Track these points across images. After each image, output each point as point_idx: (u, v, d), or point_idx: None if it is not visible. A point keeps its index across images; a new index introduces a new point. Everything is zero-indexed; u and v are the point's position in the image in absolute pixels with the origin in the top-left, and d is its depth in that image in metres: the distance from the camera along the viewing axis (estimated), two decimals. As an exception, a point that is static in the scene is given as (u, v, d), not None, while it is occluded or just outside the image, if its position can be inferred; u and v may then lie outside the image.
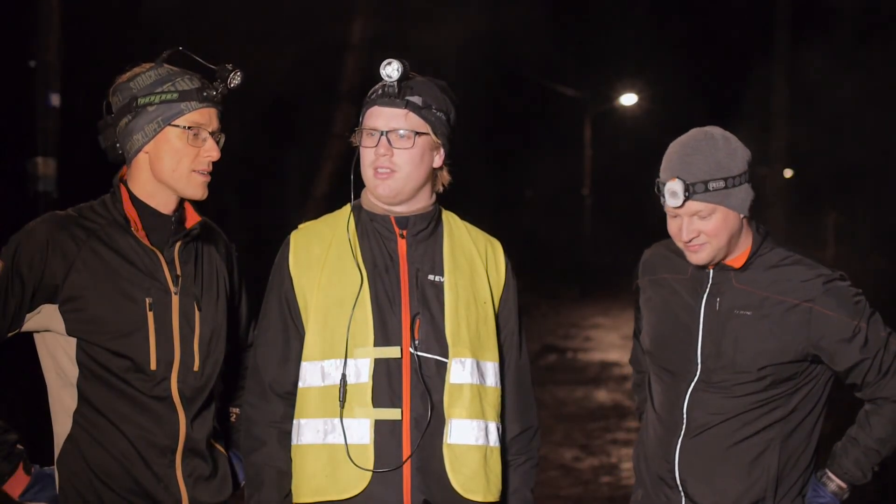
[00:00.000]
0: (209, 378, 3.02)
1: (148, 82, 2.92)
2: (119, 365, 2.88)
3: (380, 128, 2.95)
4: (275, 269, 3.06)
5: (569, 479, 8.31)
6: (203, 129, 2.95)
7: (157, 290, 2.94)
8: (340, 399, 2.89)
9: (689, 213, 3.07)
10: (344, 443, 2.89)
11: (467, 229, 3.15)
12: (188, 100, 2.93)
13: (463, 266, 3.05)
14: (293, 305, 2.99)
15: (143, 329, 2.90)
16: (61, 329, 2.87)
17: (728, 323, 3.13)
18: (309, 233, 3.06)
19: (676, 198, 3.03)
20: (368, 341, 2.92)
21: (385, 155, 2.95)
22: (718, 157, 3.05)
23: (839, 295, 3.10)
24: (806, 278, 3.11)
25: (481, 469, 2.97)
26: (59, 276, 2.84)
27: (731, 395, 3.11)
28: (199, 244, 3.07)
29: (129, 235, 2.92)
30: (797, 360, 3.11)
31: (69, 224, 2.89)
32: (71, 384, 2.89)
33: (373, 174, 2.97)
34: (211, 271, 3.09)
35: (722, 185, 3.03)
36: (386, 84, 2.95)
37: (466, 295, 3.02)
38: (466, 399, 2.96)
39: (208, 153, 2.97)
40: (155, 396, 2.92)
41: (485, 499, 2.98)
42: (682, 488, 3.16)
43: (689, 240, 3.08)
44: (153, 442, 2.92)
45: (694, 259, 3.12)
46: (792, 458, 3.14)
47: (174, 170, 2.94)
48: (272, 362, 3.00)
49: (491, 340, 3.05)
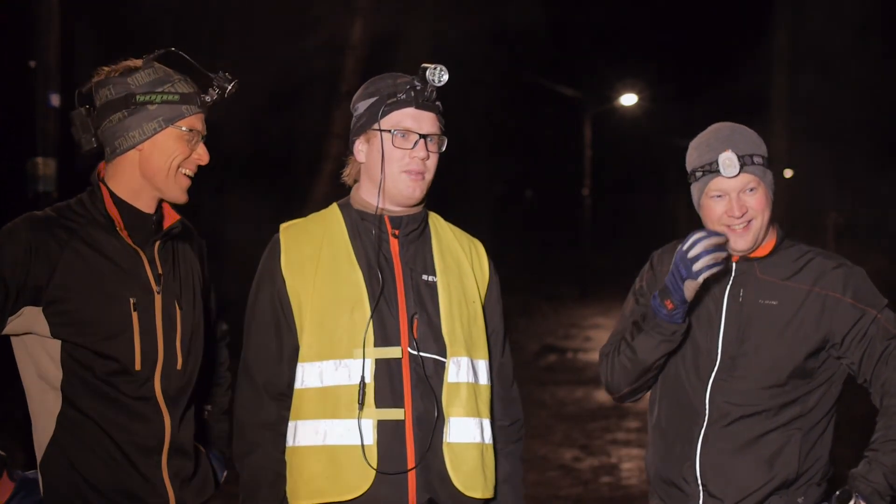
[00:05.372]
0: (191, 376, 3.01)
1: (146, 80, 2.91)
2: (104, 366, 2.85)
3: (421, 131, 2.99)
4: (264, 269, 3.03)
5: (569, 479, 8.31)
6: (198, 133, 2.97)
7: (140, 290, 2.92)
8: (360, 400, 2.88)
9: (739, 188, 3.12)
10: (346, 444, 2.88)
11: (451, 230, 3.19)
12: (189, 103, 2.94)
13: (452, 266, 3.09)
14: (286, 306, 2.98)
15: (128, 330, 2.88)
16: (45, 331, 2.83)
17: (753, 314, 3.16)
18: (298, 232, 3.05)
19: (733, 166, 3.09)
20: (369, 342, 2.92)
21: (424, 158, 2.99)
22: (753, 137, 3.19)
23: (860, 286, 3.16)
24: (828, 269, 3.18)
25: (479, 466, 2.99)
26: (43, 278, 2.80)
27: (753, 388, 3.13)
28: (175, 242, 3.06)
29: (112, 235, 2.90)
30: (818, 351, 3.14)
31: (50, 225, 2.85)
32: (54, 387, 2.85)
33: (407, 175, 2.99)
34: (187, 269, 3.07)
35: (761, 161, 3.15)
36: (425, 88, 2.99)
37: (458, 294, 3.05)
38: (464, 398, 2.98)
39: (199, 157, 2.98)
40: (139, 397, 2.89)
41: (483, 495, 3.00)
42: (701, 481, 3.15)
43: (740, 215, 3.11)
44: (139, 443, 2.89)
45: (740, 243, 3.15)
46: (813, 452, 3.16)
47: (164, 169, 2.93)
48: (265, 363, 2.98)
49: (481, 338, 3.09)
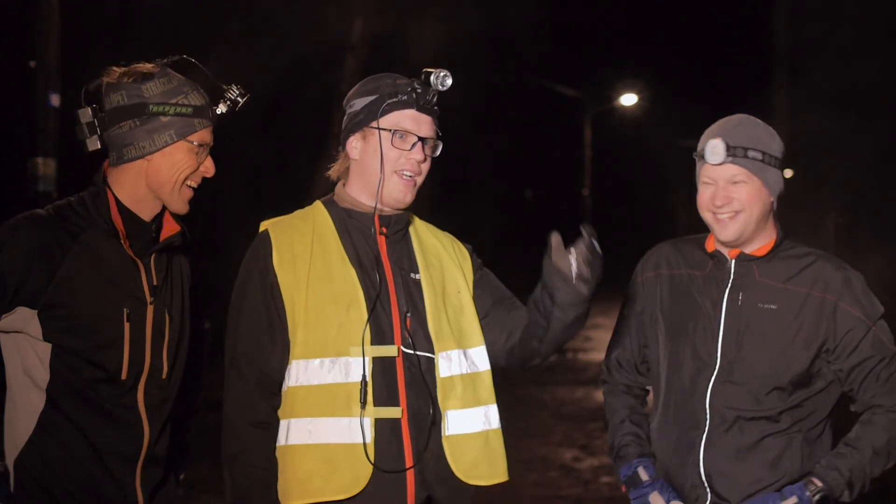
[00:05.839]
0: (175, 384, 2.99)
1: (160, 90, 2.89)
2: (91, 373, 2.84)
3: (420, 133, 2.98)
4: (252, 266, 2.97)
5: (569, 479, 8.31)
6: (207, 146, 2.96)
7: (134, 300, 2.89)
8: (361, 399, 2.86)
9: (726, 178, 3.11)
10: (342, 442, 2.86)
11: (428, 228, 3.19)
12: (201, 116, 2.92)
13: (433, 262, 3.09)
14: (279, 302, 2.93)
15: (119, 340, 2.86)
16: (37, 334, 2.81)
17: (752, 318, 3.14)
18: (287, 228, 3.01)
19: (717, 154, 3.09)
20: (366, 340, 2.90)
21: (420, 161, 2.98)
22: (759, 132, 3.16)
23: (859, 293, 3.13)
24: (828, 272, 3.14)
25: (483, 454, 2.99)
26: (42, 281, 2.79)
27: (752, 392, 3.11)
28: (172, 249, 3.03)
29: (113, 242, 2.88)
30: (816, 355, 3.12)
31: (54, 227, 2.83)
32: (40, 387, 2.84)
33: (399, 179, 2.97)
34: (180, 277, 3.06)
35: (760, 157, 3.11)
36: (428, 91, 2.98)
37: (441, 290, 3.05)
38: (459, 390, 2.98)
39: (206, 170, 2.97)
40: (122, 405, 2.88)
41: (489, 481, 2.99)
42: (707, 483, 3.15)
43: (720, 205, 3.11)
44: (117, 451, 2.87)
45: (723, 233, 3.14)
46: (815, 455, 3.14)
47: (171, 182, 2.91)
48: (257, 359, 2.92)
49: (473, 326, 3.08)
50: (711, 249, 3.23)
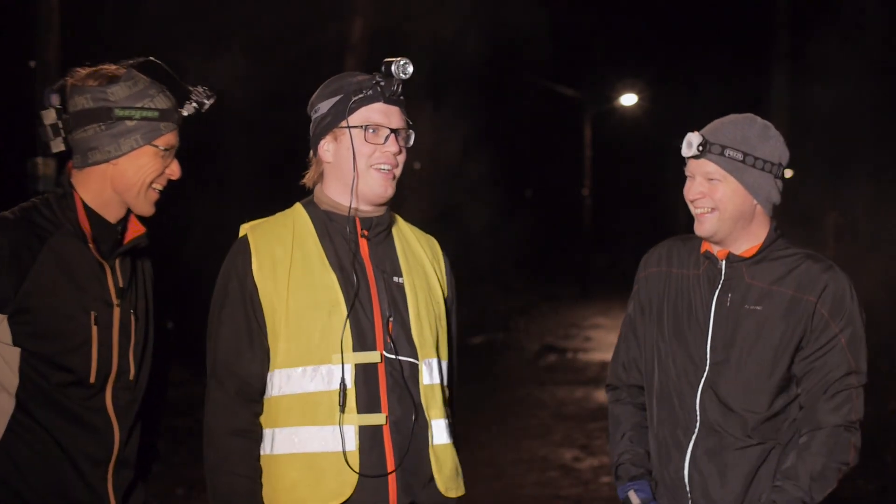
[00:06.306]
0: (142, 385, 2.97)
1: (125, 94, 2.85)
2: (59, 377, 2.82)
3: (391, 125, 2.93)
4: (231, 271, 2.92)
5: (569, 479, 8.32)
6: (173, 149, 2.93)
7: (101, 303, 2.87)
8: (340, 404, 2.82)
9: (702, 174, 3.12)
10: (327, 450, 2.83)
11: (410, 229, 3.13)
12: (167, 120, 2.89)
13: (415, 266, 3.04)
14: (258, 309, 2.88)
15: (87, 343, 2.84)
16: (7, 339, 2.80)
17: (739, 320, 3.13)
18: (266, 233, 2.95)
19: (690, 148, 3.10)
20: (348, 346, 2.86)
21: (396, 153, 2.93)
22: (748, 133, 3.11)
23: (838, 297, 3.10)
24: (812, 272, 3.12)
25: (455, 466, 2.99)
26: (13, 287, 2.77)
27: (740, 394, 3.10)
28: (135, 251, 3.01)
29: (80, 246, 2.86)
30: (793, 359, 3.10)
31: (22, 231, 2.80)
32: (9, 392, 2.82)
33: (377, 173, 2.92)
34: (143, 278, 3.04)
35: (739, 157, 3.08)
36: (392, 82, 2.92)
37: (424, 295, 3.00)
38: (438, 399, 2.96)
39: (172, 172, 2.94)
40: (91, 408, 2.86)
41: (457, 494, 2.99)
42: (689, 487, 3.14)
43: (693, 199, 3.12)
44: (88, 454, 2.86)
45: (699, 228, 3.15)
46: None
47: (136, 185, 2.88)
48: (238, 367, 2.88)
49: (444, 339, 3.06)
50: (705, 250, 3.24)
